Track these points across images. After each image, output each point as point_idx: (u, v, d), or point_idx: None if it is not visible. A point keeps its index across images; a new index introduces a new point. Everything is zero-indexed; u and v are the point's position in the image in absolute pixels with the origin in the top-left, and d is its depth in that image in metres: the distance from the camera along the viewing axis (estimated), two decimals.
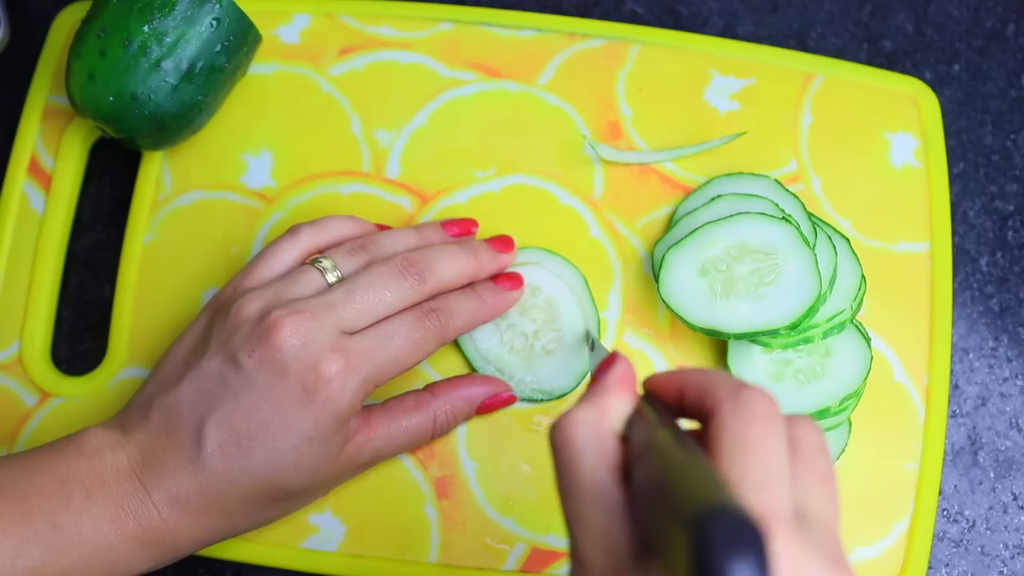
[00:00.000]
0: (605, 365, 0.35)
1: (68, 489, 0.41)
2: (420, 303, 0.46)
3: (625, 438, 0.32)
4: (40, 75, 0.54)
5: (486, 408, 0.48)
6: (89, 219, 0.54)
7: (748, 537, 0.24)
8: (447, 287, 0.46)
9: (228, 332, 0.43)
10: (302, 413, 0.42)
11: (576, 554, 0.31)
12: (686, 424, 0.33)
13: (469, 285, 0.48)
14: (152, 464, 0.42)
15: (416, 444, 0.47)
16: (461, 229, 0.50)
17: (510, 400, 0.49)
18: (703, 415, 0.31)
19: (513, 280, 0.49)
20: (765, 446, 0.29)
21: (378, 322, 0.44)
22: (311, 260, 0.45)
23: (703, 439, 0.31)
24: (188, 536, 0.42)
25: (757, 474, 0.28)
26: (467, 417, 0.48)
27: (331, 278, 0.45)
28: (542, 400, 0.49)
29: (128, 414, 0.44)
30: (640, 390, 0.35)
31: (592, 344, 0.46)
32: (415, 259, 0.46)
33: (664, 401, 0.34)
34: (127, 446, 0.42)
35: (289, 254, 0.46)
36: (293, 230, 0.47)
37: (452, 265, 0.46)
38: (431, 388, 0.48)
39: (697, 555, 0.24)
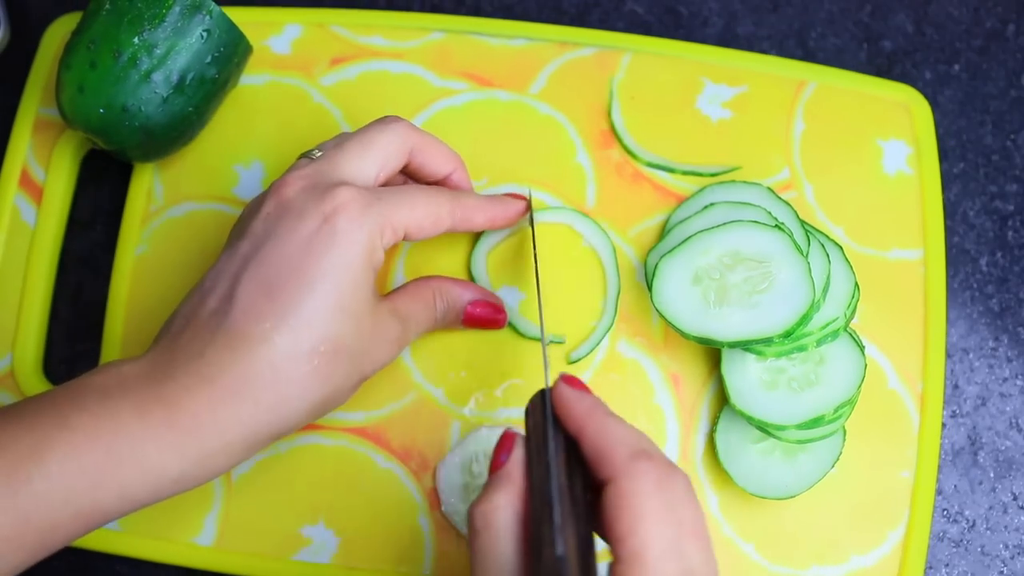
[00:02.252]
0: (504, 446, 0.37)
1: (82, 396, 0.38)
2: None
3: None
4: (31, 87, 0.54)
5: (472, 318, 0.48)
6: (89, 219, 0.54)
7: None
8: (434, 147, 0.46)
9: (238, 232, 0.42)
10: (329, 243, 0.40)
11: None
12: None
13: None
14: (177, 354, 0.39)
15: (429, 324, 0.47)
16: None
17: (498, 319, 0.49)
18: (599, 477, 0.34)
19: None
20: (662, 519, 0.33)
21: None
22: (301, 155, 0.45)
23: (602, 501, 0.34)
24: (231, 419, 0.38)
25: (657, 547, 0.32)
26: (456, 317, 0.48)
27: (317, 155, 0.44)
28: None
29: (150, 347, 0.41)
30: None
31: None
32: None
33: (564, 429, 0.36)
34: (147, 355, 0.40)
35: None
36: None
37: (441, 143, 0.47)
38: (424, 277, 0.48)
39: None
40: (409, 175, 0.48)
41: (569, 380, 0.38)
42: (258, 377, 0.39)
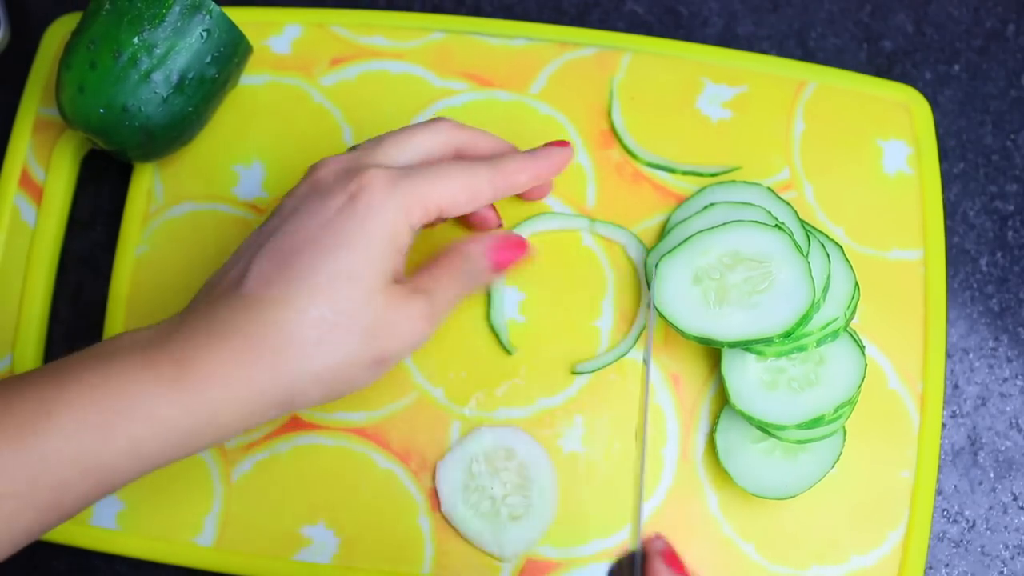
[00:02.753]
0: None
1: (92, 356, 0.38)
2: None
3: None
4: (31, 87, 0.54)
5: (499, 264, 0.46)
6: (89, 219, 0.54)
7: None
8: (483, 142, 0.46)
9: (275, 208, 0.43)
10: (350, 217, 0.40)
11: None
12: None
13: None
14: (189, 316, 0.40)
15: (459, 288, 0.44)
16: None
17: (522, 252, 0.46)
18: None
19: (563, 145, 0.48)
20: None
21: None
22: None
23: None
24: (239, 377, 0.38)
25: None
26: (483, 271, 0.45)
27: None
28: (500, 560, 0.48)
29: None
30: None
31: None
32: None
33: None
34: (162, 323, 0.40)
35: None
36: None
37: (491, 137, 0.47)
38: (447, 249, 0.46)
39: None
40: None
41: (669, 559, 0.35)
42: (266, 339, 0.39)
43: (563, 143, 0.48)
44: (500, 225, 0.51)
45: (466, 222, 0.51)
